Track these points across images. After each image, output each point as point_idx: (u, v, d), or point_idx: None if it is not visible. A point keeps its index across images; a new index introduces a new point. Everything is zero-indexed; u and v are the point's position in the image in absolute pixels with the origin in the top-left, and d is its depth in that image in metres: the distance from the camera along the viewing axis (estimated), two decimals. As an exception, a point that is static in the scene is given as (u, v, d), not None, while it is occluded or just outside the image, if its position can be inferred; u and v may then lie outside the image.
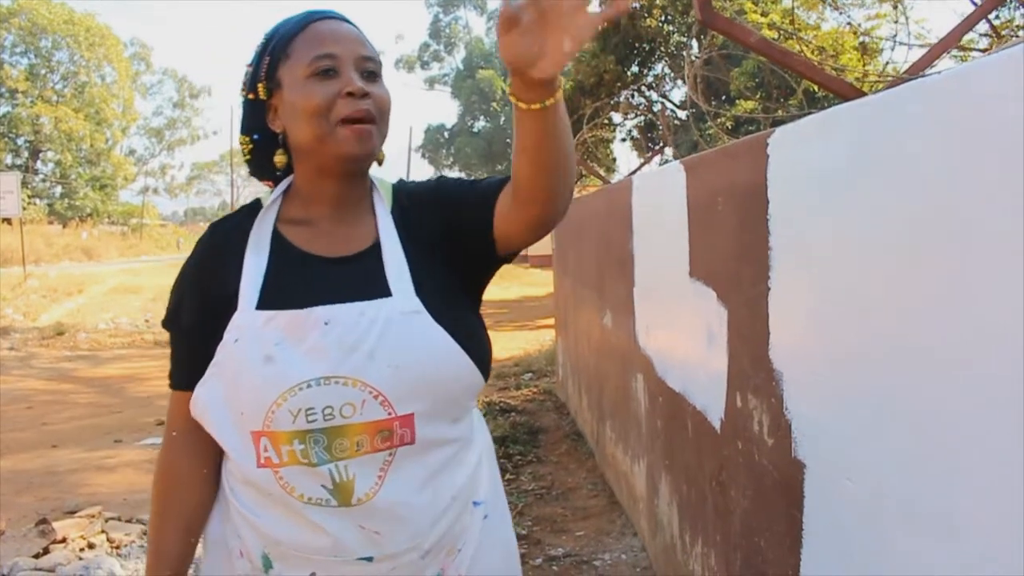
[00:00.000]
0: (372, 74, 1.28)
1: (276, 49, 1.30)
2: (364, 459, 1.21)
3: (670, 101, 18.22)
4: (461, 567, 1.35)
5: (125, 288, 20.99)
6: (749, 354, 2.07)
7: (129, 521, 4.61)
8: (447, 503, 1.29)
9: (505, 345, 11.00)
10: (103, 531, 4.35)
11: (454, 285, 1.34)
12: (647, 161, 8.10)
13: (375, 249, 1.31)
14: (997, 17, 9.00)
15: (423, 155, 49.66)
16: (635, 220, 3.51)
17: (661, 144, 8.98)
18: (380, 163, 1.37)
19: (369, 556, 1.24)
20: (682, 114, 17.07)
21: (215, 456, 1.35)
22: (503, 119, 47.47)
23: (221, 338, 1.24)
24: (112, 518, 4.61)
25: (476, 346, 1.30)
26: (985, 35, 8.06)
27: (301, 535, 1.24)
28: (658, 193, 3.05)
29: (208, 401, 1.25)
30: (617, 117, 18.40)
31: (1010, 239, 1.02)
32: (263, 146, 1.36)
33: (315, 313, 1.21)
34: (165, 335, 1.43)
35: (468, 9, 54.28)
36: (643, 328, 3.51)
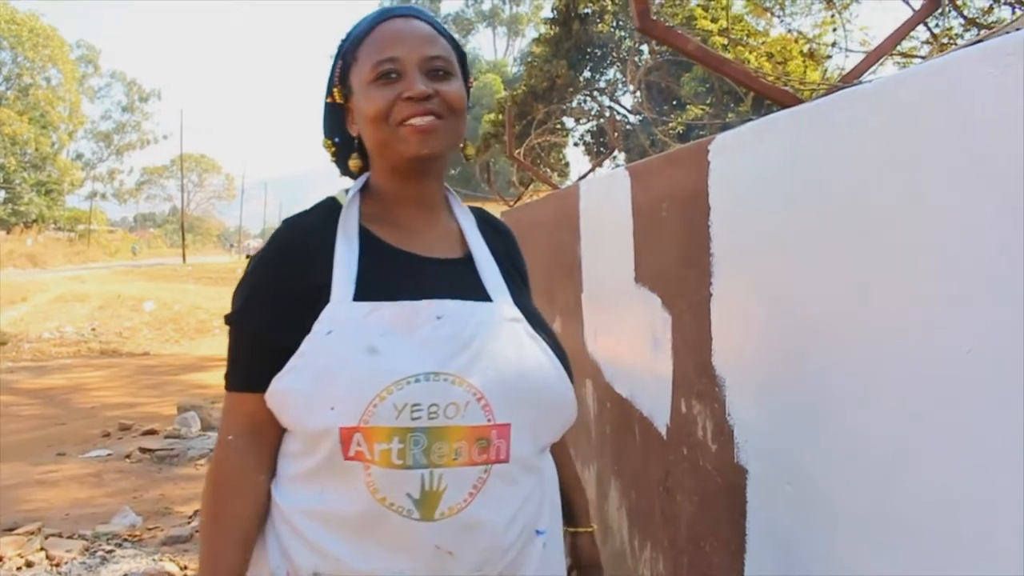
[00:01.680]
0: (440, 72, 1.27)
1: (347, 54, 1.31)
2: (460, 471, 1.17)
3: (621, 106, 18.35)
4: None
5: (71, 296, 20.60)
6: (693, 360, 2.07)
7: (71, 537, 4.51)
8: (520, 530, 1.26)
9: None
10: (42, 548, 4.25)
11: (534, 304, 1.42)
12: (595, 166, 8.13)
13: (468, 259, 1.34)
14: (937, 25, 9.20)
15: (377, 160, 49.47)
16: (582, 225, 3.51)
17: (610, 149, 9.02)
18: (468, 158, 1.41)
19: None
20: (634, 119, 17.20)
21: (272, 464, 1.29)
22: (457, 123, 47.43)
23: (305, 332, 1.19)
24: (52, 534, 4.51)
25: (566, 362, 1.32)
26: (927, 43, 8.24)
27: (366, 550, 1.18)
28: (604, 199, 3.05)
29: (289, 393, 1.20)
30: (570, 122, 18.52)
31: (940, 242, 1.03)
32: (345, 149, 1.38)
33: (427, 307, 1.20)
34: (111, 344, 1.38)
35: (421, 13, 54.15)
36: (591, 333, 3.51)
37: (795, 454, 1.51)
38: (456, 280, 1.28)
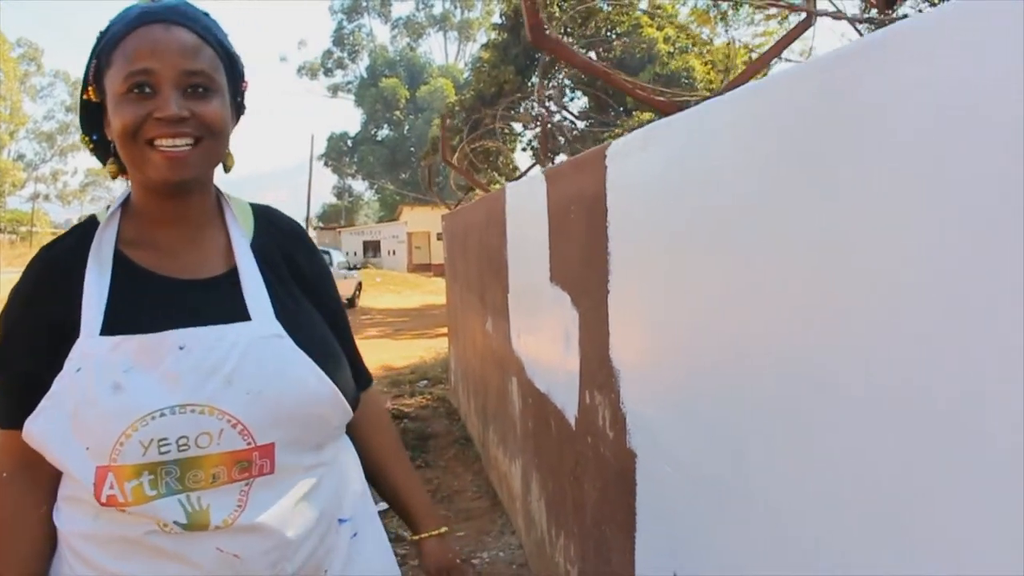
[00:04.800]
0: (201, 89, 1.16)
1: (102, 53, 1.17)
2: (219, 490, 1.14)
3: (569, 112, 18.51)
4: None
5: (10, 299, 20.14)
6: (595, 354, 2.19)
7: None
8: (312, 524, 1.23)
9: (402, 353, 11.04)
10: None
11: (313, 311, 1.33)
12: (526, 172, 8.29)
13: (232, 274, 1.25)
14: (861, 35, 9.54)
15: (326, 163, 49.23)
16: (508, 227, 3.62)
17: (542, 158, 9.15)
18: (228, 169, 1.30)
19: None
20: (581, 124, 17.37)
21: (51, 495, 1.23)
22: (407, 128, 47.37)
23: (59, 369, 1.13)
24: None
25: (340, 372, 1.28)
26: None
27: (151, 567, 1.15)
28: (526, 201, 3.17)
29: (46, 434, 1.14)
30: (519, 127, 18.63)
31: (807, 239, 1.14)
32: (103, 147, 1.26)
33: (169, 337, 1.14)
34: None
35: (372, 17, 54.06)
36: (516, 332, 3.62)
37: (671, 438, 1.64)
38: (212, 302, 1.21)
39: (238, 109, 1.29)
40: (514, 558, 3.78)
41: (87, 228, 1.24)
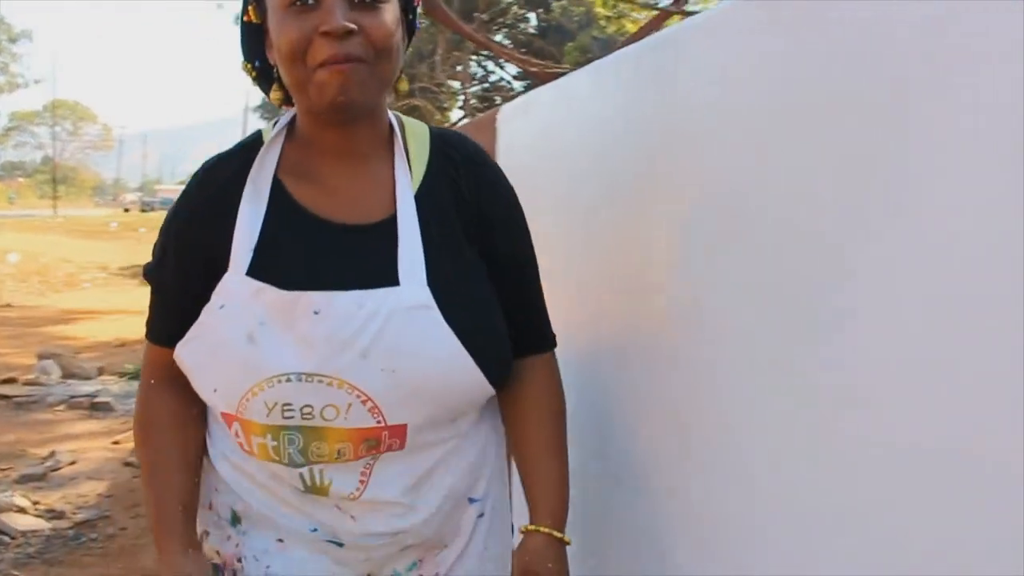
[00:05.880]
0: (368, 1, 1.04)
1: None
2: (345, 465, 1.10)
3: (507, 72, 18.57)
4: (442, 565, 1.23)
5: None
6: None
7: None
8: (439, 501, 1.17)
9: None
10: None
11: (476, 269, 1.16)
12: (451, 126, 8.41)
13: (390, 223, 1.12)
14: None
15: (262, 116, 48.21)
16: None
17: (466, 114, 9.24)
18: (399, 94, 1.22)
19: (340, 542, 1.16)
20: (519, 85, 17.44)
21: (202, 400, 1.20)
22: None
23: (207, 299, 1.10)
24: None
25: (490, 348, 1.13)
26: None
27: (274, 506, 1.16)
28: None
29: (191, 364, 1.13)
30: (457, 85, 18.64)
31: (648, 212, 1.26)
32: (267, 74, 1.16)
33: (305, 299, 1.05)
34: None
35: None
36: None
37: (595, 397, 1.75)
38: (361, 256, 1.10)
39: (409, 28, 1.16)
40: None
41: (250, 146, 1.17)
